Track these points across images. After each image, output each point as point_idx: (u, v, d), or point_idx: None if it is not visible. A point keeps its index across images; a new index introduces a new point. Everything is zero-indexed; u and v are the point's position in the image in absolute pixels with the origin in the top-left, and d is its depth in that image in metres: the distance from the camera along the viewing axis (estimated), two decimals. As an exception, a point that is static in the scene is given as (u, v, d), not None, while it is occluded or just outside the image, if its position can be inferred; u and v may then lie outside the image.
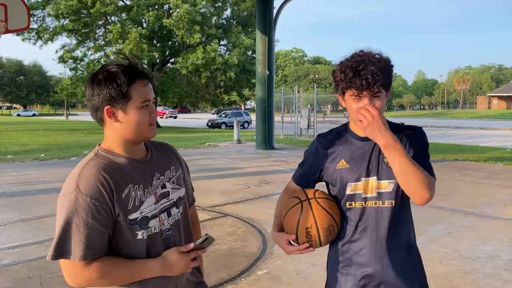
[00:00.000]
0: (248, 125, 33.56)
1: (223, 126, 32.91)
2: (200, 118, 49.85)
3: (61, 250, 1.27)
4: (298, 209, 1.57)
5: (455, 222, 5.74)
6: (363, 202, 1.58)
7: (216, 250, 4.59)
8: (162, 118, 49.15)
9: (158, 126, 30.98)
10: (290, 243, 1.61)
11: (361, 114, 1.48)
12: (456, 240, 5.02)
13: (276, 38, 15.75)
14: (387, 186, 1.57)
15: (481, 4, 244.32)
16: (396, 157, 1.45)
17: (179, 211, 1.50)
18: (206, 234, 1.42)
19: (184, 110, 75.31)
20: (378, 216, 1.58)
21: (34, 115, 65.87)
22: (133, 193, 1.35)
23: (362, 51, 1.56)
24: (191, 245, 1.40)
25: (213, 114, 54.19)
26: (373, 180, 1.57)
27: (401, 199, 1.58)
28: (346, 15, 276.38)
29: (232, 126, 20.16)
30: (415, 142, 1.60)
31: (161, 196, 1.44)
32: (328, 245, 1.69)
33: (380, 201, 1.57)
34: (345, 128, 1.69)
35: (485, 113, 57.01)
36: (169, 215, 1.45)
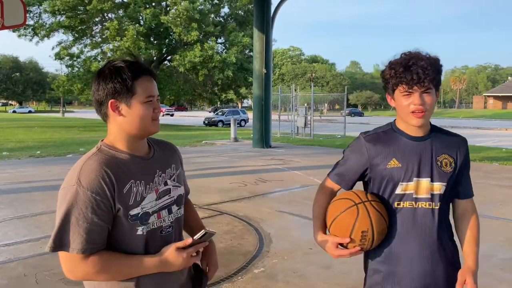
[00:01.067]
0: (245, 123, 33.55)
1: (220, 124, 32.87)
2: (197, 116, 49.77)
3: (60, 242, 1.28)
4: (354, 212, 1.52)
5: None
6: (413, 203, 1.58)
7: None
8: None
9: (155, 123, 30.91)
10: (338, 246, 1.57)
11: None
12: (452, 239, 5.04)
13: (273, 37, 15.72)
14: (439, 188, 1.59)
15: (478, 5, 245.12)
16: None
17: (179, 209, 1.53)
18: (205, 229, 1.42)
19: (181, 108, 75.15)
20: (428, 217, 1.58)
21: (30, 112, 65.53)
22: (134, 188, 1.36)
23: (409, 51, 1.58)
24: (189, 240, 1.39)
25: (210, 112, 54.10)
26: (426, 181, 1.58)
27: (446, 202, 1.63)
28: (344, 15, 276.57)
29: (229, 124, 20.15)
30: (466, 156, 1.67)
31: (163, 193, 1.45)
32: None
33: (434, 203, 1.58)
34: (391, 127, 1.68)
35: (481, 113, 57.25)
36: (170, 212, 1.47)
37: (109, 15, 28.67)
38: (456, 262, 1.68)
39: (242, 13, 30.49)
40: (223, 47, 30.60)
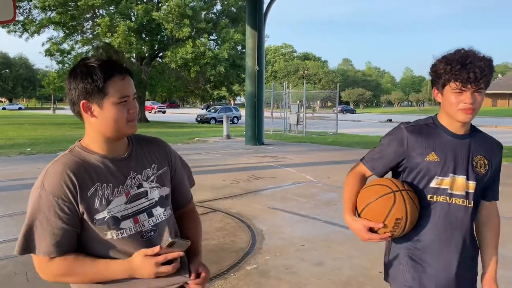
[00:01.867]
0: (238, 120, 33.51)
1: (212, 121, 32.80)
2: (189, 113, 49.63)
3: (26, 246, 1.29)
4: (391, 199, 1.55)
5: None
6: (447, 198, 1.60)
7: (205, 245, 4.57)
8: (150, 112, 48.81)
9: (146, 121, 30.80)
10: (370, 230, 1.58)
11: None
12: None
13: (266, 33, 15.70)
14: (473, 187, 1.62)
15: (468, 3, 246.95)
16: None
17: (164, 211, 1.45)
18: (172, 238, 1.34)
19: (173, 105, 74.90)
20: (460, 213, 1.61)
21: (20, 108, 64.83)
22: (100, 192, 1.32)
23: (463, 48, 1.56)
24: (157, 248, 1.32)
25: (202, 109, 53.98)
26: (462, 178, 1.60)
27: (477, 202, 1.67)
28: (336, 12, 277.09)
29: (222, 121, 20.13)
30: (500, 161, 1.72)
31: (137, 196, 1.39)
32: None
33: (467, 201, 1.61)
34: (433, 121, 1.68)
35: (471, 110, 57.62)
36: (150, 215, 1.40)
37: (100, 11, 28.44)
38: (475, 259, 1.74)
39: (235, 10, 30.41)
40: (215, 44, 30.52)
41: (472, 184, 1.61)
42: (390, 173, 1.76)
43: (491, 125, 30.85)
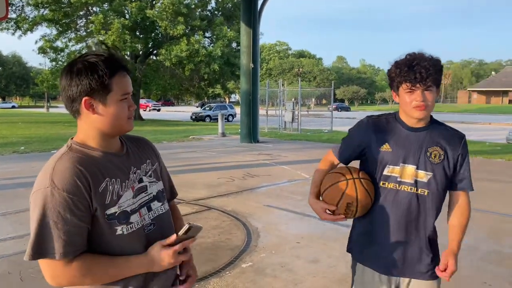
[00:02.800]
0: (233, 118, 33.47)
1: (207, 119, 32.75)
2: (184, 111, 49.50)
3: (40, 249, 1.20)
4: (343, 185, 1.76)
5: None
6: (396, 185, 1.76)
7: (200, 243, 4.58)
8: (145, 110, 48.62)
9: (141, 119, 30.66)
10: (326, 212, 1.80)
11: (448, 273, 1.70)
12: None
13: (260, 31, 15.67)
14: (423, 176, 1.74)
15: (463, 0, 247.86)
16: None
17: (161, 205, 1.46)
18: (188, 223, 1.34)
19: (168, 103, 74.63)
20: (407, 199, 1.75)
21: (13, 107, 64.28)
22: (110, 187, 1.30)
23: (414, 52, 1.73)
24: (174, 237, 1.33)
25: (197, 107, 53.85)
26: (412, 168, 1.74)
27: (434, 191, 1.76)
28: (330, 9, 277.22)
29: (217, 119, 20.08)
30: (463, 152, 1.80)
31: (139, 190, 1.39)
32: None
33: (415, 188, 1.74)
34: (394, 116, 1.85)
35: (465, 107, 58.09)
36: (149, 209, 1.41)
37: (94, 8, 28.22)
38: (433, 248, 1.82)
39: (229, 7, 30.31)
40: (210, 41, 30.43)
41: (422, 173, 1.73)
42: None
43: (485, 122, 31.03)
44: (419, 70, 1.64)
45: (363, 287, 1.87)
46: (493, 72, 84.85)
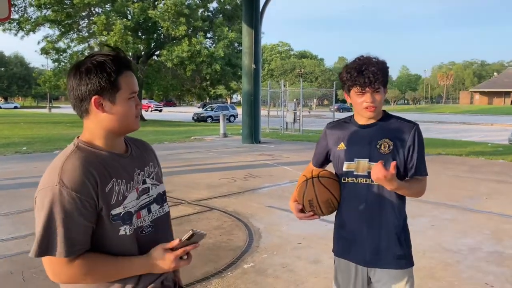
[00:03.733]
0: (234, 119, 33.48)
1: (209, 120, 32.76)
2: (185, 112, 49.55)
3: (45, 247, 1.22)
4: (304, 185, 1.95)
5: (437, 215, 5.83)
6: (354, 178, 1.89)
7: (202, 244, 4.54)
8: (147, 111, 48.68)
9: (142, 119, 30.69)
10: (302, 211, 1.97)
11: (373, 171, 1.74)
12: (438, 233, 5.11)
13: (262, 31, 15.68)
14: None
15: (465, 1, 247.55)
16: (403, 192, 1.85)
17: (161, 208, 1.47)
18: (192, 230, 1.34)
19: (169, 104, 74.68)
20: (365, 191, 1.88)
21: (15, 107, 64.42)
22: (116, 187, 1.32)
23: (362, 56, 1.87)
24: (176, 241, 1.33)
25: (198, 107, 53.87)
26: (365, 161, 1.87)
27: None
28: (332, 10, 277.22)
29: (218, 120, 20.08)
30: (418, 141, 1.89)
31: (142, 191, 1.40)
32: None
33: (370, 179, 1.84)
34: (350, 118, 2.01)
35: (467, 108, 57.98)
36: (149, 211, 1.42)
37: (96, 9, 28.30)
38: (399, 237, 1.89)
39: (230, 8, 30.34)
40: (212, 42, 30.45)
41: (374, 164, 1.80)
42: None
43: (487, 123, 30.96)
44: (368, 74, 1.78)
45: (340, 277, 2.02)
46: (495, 73, 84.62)
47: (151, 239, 1.39)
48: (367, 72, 1.78)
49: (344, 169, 1.91)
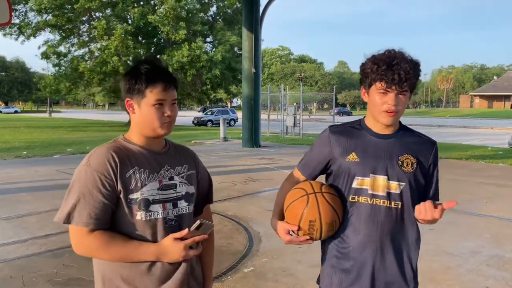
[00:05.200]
0: (234, 123, 33.51)
1: (209, 124, 32.79)
2: (186, 116, 49.57)
3: (67, 215, 1.40)
4: (304, 201, 1.56)
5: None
6: (368, 198, 1.58)
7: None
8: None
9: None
10: (289, 233, 1.60)
11: (425, 212, 1.48)
12: (439, 236, 5.10)
13: (261, 37, 15.72)
14: (396, 187, 1.57)
15: (464, 5, 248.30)
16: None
17: (188, 206, 1.57)
18: (200, 220, 1.43)
19: (170, 108, 74.59)
20: (382, 214, 1.57)
21: (16, 112, 64.56)
22: (137, 175, 1.46)
23: (393, 49, 1.56)
24: (185, 231, 1.43)
25: (199, 111, 53.90)
26: (383, 179, 1.57)
27: (408, 202, 1.59)
28: (331, 14, 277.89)
29: (218, 124, 20.11)
30: (435, 160, 1.66)
31: (167, 186, 1.52)
32: None
33: (388, 201, 1.57)
34: (359, 123, 1.69)
35: (467, 112, 58.01)
36: (175, 206, 1.52)
37: (97, 14, 28.37)
38: (412, 267, 1.64)
39: (231, 13, 30.42)
40: (212, 46, 30.51)
41: (394, 184, 1.57)
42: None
43: (487, 126, 30.97)
44: (399, 71, 1.49)
45: None
46: (495, 77, 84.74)
47: (174, 232, 1.47)
48: (398, 68, 1.49)
49: (355, 185, 1.58)
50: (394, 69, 1.49)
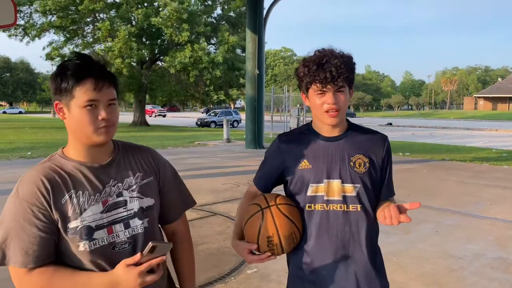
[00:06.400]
0: (238, 124, 33.54)
1: (212, 125, 32.83)
2: (189, 117, 49.66)
3: (2, 256, 1.21)
4: (259, 218, 1.48)
5: (442, 221, 5.81)
6: (324, 205, 1.52)
7: (205, 249, 4.58)
8: (151, 116, 48.90)
9: (146, 124, 30.78)
10: (251, 252, 1.53)
11: (388, 219, 1.43)
12: (443, 239, 5.08)
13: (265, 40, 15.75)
14: (352, 190, 1.52)
15: (468, 6, 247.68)
16: None
17: (142, 224, 1.35)
18: (152, 242, 1.21)
19: (173, 109, 74.94)
20: (341, 220, 1.52)
21: (20, 112, 64.95)
22: (74, 199, 1.26)
23: (323, 48, 1.53)
24: (138, 256, 1.19)
25: (202, 113, 54.03)
26: (337, 182, 1.52)
27: (366, 204, 1.54)
28: (335, 15, 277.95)
29: (222, 125, 20.16)
30: (387, 155, 1.60)
31: (115, 205, 1.31)
32: None
33: (345, 205, 1.52)
34: (307, 127, 1.63)
35: (471, 114, 57.82)
36: (127, 226, 1.32)
37: (101, 15, 28.51)
38: (378, 268, 1.59)
39: (234, 15, 30.48)
40: (215, 48, 30.58)
41: (349, 187, 1.52)
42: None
43: (491, 128, 30.84)
44: (330, 68, 1.45)
45: None
46: (499, 79, 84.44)
47: (127, 256, 1.25)
48: (329, 66, 1.45)
49: (310, 193, 1.53)
50: (325, 68, 1.45)
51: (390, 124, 35.58)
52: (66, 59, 1.32)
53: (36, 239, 1.21)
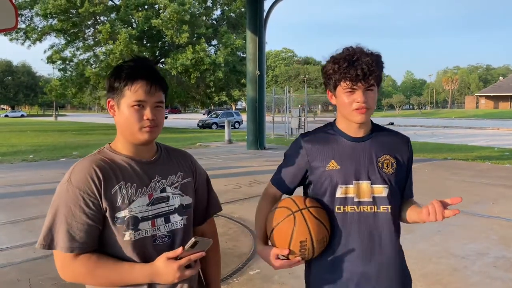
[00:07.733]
0: (239, 125, 33.56)
1: (214, 127, 32.86)
2: (190, 119, 49.71)
3: (49, 240, 1.27)
4: (291, 221, 1.44)
5: (444, 221, 5.75)
6: (355, 207, 1.50)
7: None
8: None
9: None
10: (278, 257, 1.48)
11: (432, 214, 1.46)
12: (445, 238, 5.07)
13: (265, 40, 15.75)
14: (381, 191, 1.51)
15: (469, 6, 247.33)
16: None
17: (181, 220, 1.43)
18: (195, 237, 1.27)
19: (175, 111, 75.08)
20: (371, 221, 1.50)
21: (22, 116, 65.16)
22: (123, 190, 1.32)
23: (351, 46, 1.51)
24: (180, 250, 1.27)
25: (203, 114, 54.04)
26: (367, 184, 1.50)
27: (395, 204, 1.55)
28: (335, 16, 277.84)
29: (223, 126, 20.15)
30: (410, 156, 1.62)
31: (159, 199, 1.38)
32: None
33: (375, 206, 1.50)
34: (331, 127, 1.61)
35: (473, 113, 57.70)
36: (167, 220, 1.39)
37: (101, 18, 28.57)
38: (404, 268, 1.60)
39: (235, 16, 30.51)
40: (216, 49, 30.61)
41: (378, 188, 1.50)
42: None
43: (493, 127, 30.77)
44: (361, 66, 1.42)
45: None
46: (500, 77, 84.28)
47: (166, 249, 1.34)
48: (360, 63, 1.42)
49: (340, 194, 1.49)
50: (356, 65, 1.43)
51: (392, 123, 35.53)
52: (123, 61, 1.44)
53: (84, 226, 1.27)
